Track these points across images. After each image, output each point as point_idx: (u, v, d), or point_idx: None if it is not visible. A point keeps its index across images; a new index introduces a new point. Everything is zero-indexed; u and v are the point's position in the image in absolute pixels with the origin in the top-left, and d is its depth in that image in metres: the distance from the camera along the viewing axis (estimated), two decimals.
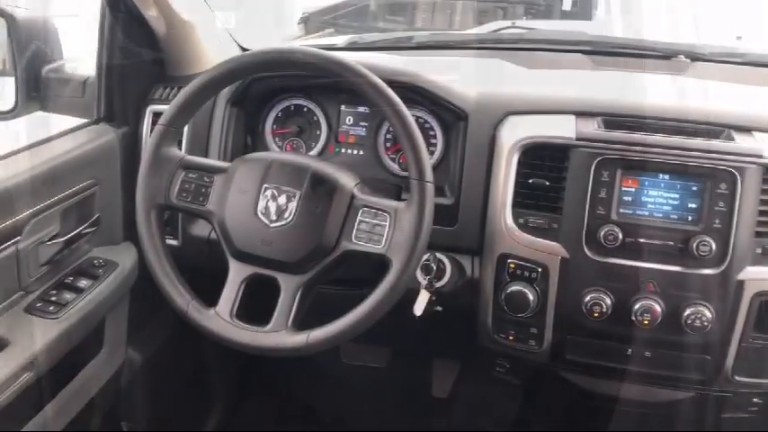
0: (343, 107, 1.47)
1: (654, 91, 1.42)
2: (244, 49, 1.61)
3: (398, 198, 1.30)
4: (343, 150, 1.48)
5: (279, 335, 1.11)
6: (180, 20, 1.45)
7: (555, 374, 1.36)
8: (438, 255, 1.30)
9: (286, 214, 1.13)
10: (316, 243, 1.12)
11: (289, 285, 1.13)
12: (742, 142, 1.20)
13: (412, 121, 1.12)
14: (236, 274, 1.15)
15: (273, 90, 1.47)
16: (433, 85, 1.33)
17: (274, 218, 1.13)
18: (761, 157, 1.17)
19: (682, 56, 1.60)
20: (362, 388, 1.97)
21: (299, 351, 1.10)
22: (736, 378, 1.23)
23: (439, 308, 1.31)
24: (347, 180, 1.16)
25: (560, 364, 1.31)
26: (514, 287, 1.26)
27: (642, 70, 1.58)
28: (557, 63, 1.62)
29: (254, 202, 1.14)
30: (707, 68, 1.58)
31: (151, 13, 1.41)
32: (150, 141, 1.18)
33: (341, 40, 1.78)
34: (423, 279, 1.28)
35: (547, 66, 1.59)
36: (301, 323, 1.13)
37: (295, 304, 1.12)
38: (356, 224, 1.13)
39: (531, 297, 1.25)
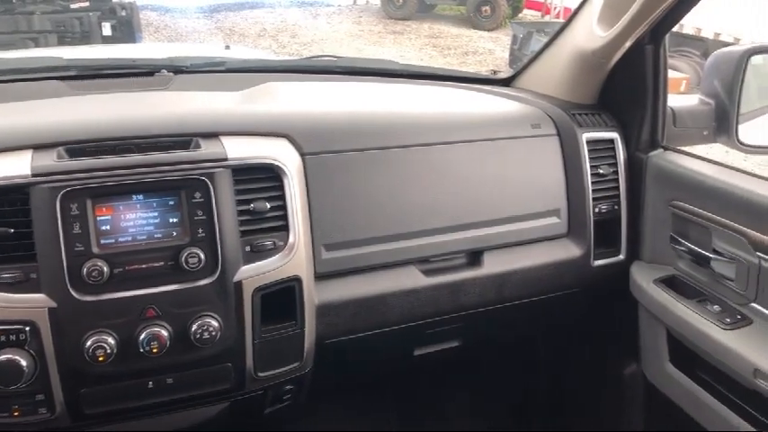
0: None
1: (128, 110, 1.36)
2: None
3: None
4: None
5: None
6: None
7: None
8: None
9: None
10: None
11: None
12: (208, 149, 1.22)
13: None
14: None
15: None
16: None
17: None
18: (226, 159, 1.20)
19: (164, 70, 1.60)
20: None
21: None
22: (260, 374, 1.25)
23: None
24: None
25: (84, 422, 1.18)
26: (2, 357, 1.08)
27: (126, 90, 1.52)
28: (30, 93, 1.45)
29: None
30: (191, 80, 1.60)
31: None
32: None
33: None
34: None
35: (15, 98, 1.41)
36: None
37: None
38: None
39: (24, 363, 1.09)
